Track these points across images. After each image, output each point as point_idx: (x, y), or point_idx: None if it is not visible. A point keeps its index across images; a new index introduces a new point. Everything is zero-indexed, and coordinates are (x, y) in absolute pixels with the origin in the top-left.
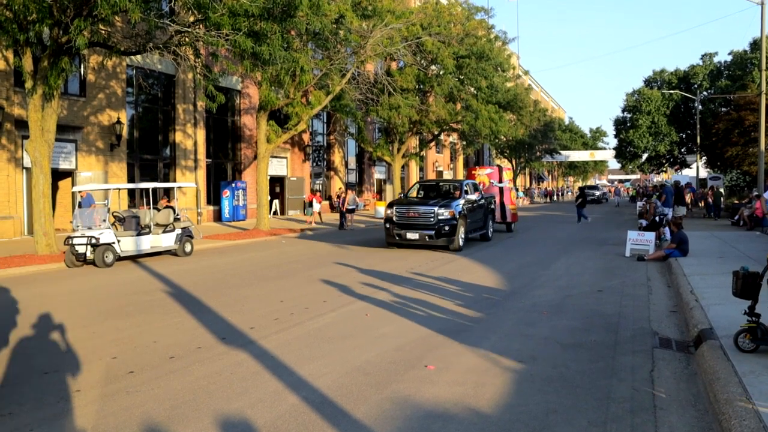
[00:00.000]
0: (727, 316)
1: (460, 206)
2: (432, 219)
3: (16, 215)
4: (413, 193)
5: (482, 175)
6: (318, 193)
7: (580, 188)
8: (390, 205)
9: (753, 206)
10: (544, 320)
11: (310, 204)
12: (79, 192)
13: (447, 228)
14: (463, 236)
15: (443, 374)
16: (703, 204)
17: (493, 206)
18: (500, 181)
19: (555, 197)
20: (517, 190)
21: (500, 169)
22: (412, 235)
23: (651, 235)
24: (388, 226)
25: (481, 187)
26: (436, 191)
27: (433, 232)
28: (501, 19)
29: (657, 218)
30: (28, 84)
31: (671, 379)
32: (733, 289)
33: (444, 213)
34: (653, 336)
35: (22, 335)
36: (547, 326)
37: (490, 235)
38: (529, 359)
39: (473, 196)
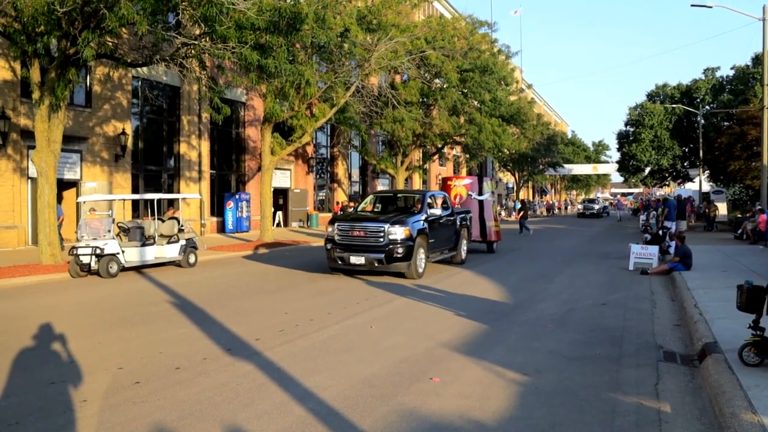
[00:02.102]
0: (731, 329)
1: (421, 223)
2: (382, 239)
3: (20, 225)
4: (368, 207)
5: (459, 186)
6: (338, 205)
7: (522, 201)
8: (332, 221)
9: (756, 220)
10: (549, 333)
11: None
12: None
13: (401, 250)
14: (423, 260)
15: (448, 387)
16: (703, 220)
17: (467, 222)
18: (480, 193)
19: (555, 211)
20: (526, 204)
21: (480, 179)
22: (356, 259)
23: (654, 249)
24: (329, 247)
25: (457, 200)
26: (394, 204)
27: (382, 255)
28: (504, 33)
29: (660, 232)
30: (36, 95)
31: (676, 392)
32: (737, 302)
33: (397, 231)
34: (658, 349)
35: (28, 345)
36: (552, 339)
37: (463, 256)
38: (533, 372)
39: (438, 211)
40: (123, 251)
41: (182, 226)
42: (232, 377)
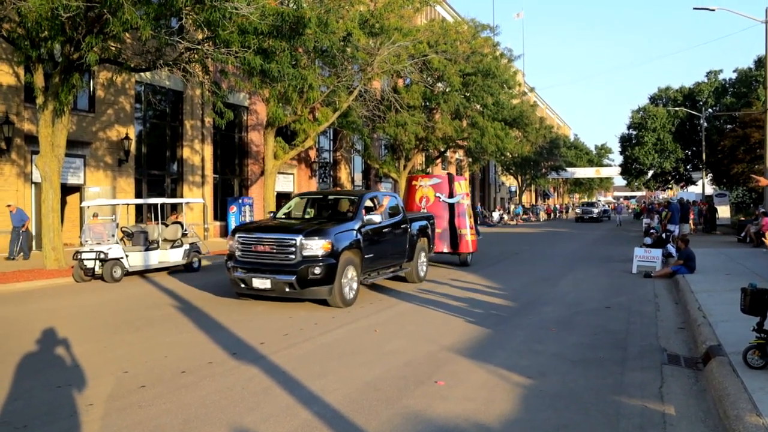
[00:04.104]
0: (735, 332)
1: (352, 233)
2: (293, 256)
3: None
4: (297, 212)
5: (425, 187)
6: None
7: (473, 207)
8: (234, 232)
9: (760, 223)
10: (553, 336)
11: None
12: (8, 206)
13: (318, 270)
14: (353, 282)
15: (453, 390)
16: (702, 220)
17: (429, 231)
18: (450, 195)
19: (556, 215)
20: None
21: (450, 177)
22: (260, 283)
23: (658, 252)
24: (230, 265)
25: (423, 203)
26: (330, 209)
27: (293, 277)
28: (506, 37)
29: (663, 235)
30: (39, 100)
31: (681, 395)
32: (741, 305)
33: (313, 245)
34: (662, 352)
35: (33, 350)
36: (556, 342)
37: (421, 273)
38: (538, 375)
39: (377, 217)
40: (127, 256)
41: (186, 230)
42: (238, 381)
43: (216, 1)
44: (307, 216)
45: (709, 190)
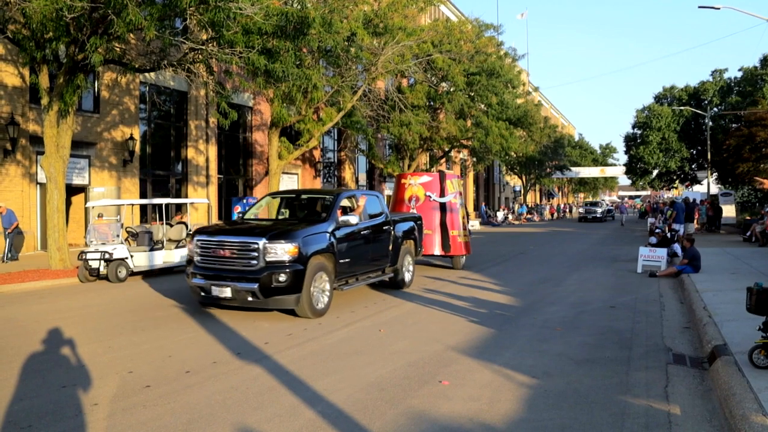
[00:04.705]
0: (741, 332)
1: (324, 236)
2: (255, 261)
3: (29, 230)
4: (271, 213)
5: (414, 185)
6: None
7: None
8: (193, 235)
9: (765, 222)
10: (558, 336)
11: None
12: None
13: (284, 277)
14: (325, 291)
15: (458, 390)
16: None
17: (415, 233)
18: (441, 195)
19: (560, 214)
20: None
21: (442, 175)
22: (220, 291)
23: (663, 252)
24: (189, 271)
25: (412, 203)
26: (302, 209)
27: (255, 285)
28: (511, 36)
29: (669, 234)
30: (44, 101)
31: (686, 395)
32: (747, 304)
33: (278, 250)
34: (667, 352)
35: (38, 350)
36: (561, 342)
37: (407, 278)
38: (543, 375)
39: (354, 218)
40: (132, 256)
41: (190, 230)
42: (242, 381)
43: (220, 1)
44: (281, 217)
45: (714, 189)
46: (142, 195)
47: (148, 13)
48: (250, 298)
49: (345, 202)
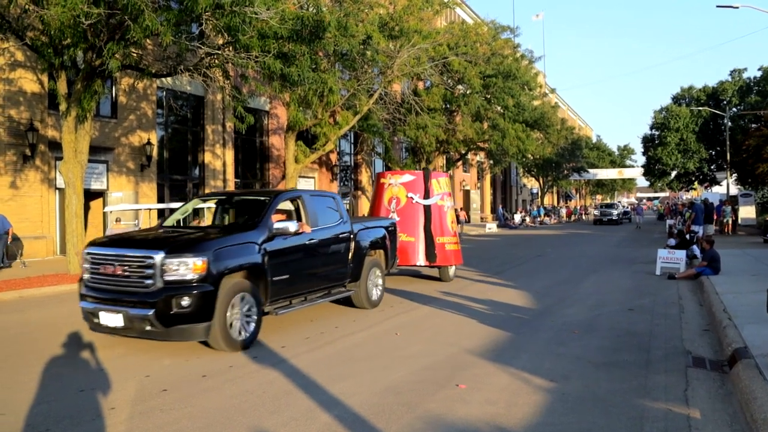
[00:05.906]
0: (761, 335)
1: (252, 247)
2: (150, 281)
3: (48, 235)
4: (193, 220)
5: (395, 185)
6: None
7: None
8: (86, 247)
9: None
10: (575, 339)
11: None
12: None
13: (187, 302)
14: (249, 314)
15: (475, 393)
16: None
17: (386, 241)
18: (426, 196)
19: (576, 216)
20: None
21: (426, 174)
22: (109, 318)
23: (682, 254)
24: (81, 292)
25: (393, 205)
26: (240, 214)
27: (151, 311)
28: (527, 38)
29: (688, 236)
30: (63, 106)
31: (706, 398)
32: (767, 307)
33: (179, 266)
34: (686, 355)
35: (57, 353)
36: (579, 345)
37: (374, 296)
38: (561, 378)
39: (293, 225)
40: None
41: None
42: (259, 384)
43: (236, 6)
44: (217, 224)
45: (734, 190)
46: (160, 199)
47: (164, 19)
48: (147, 328)
49: (286, 206)
